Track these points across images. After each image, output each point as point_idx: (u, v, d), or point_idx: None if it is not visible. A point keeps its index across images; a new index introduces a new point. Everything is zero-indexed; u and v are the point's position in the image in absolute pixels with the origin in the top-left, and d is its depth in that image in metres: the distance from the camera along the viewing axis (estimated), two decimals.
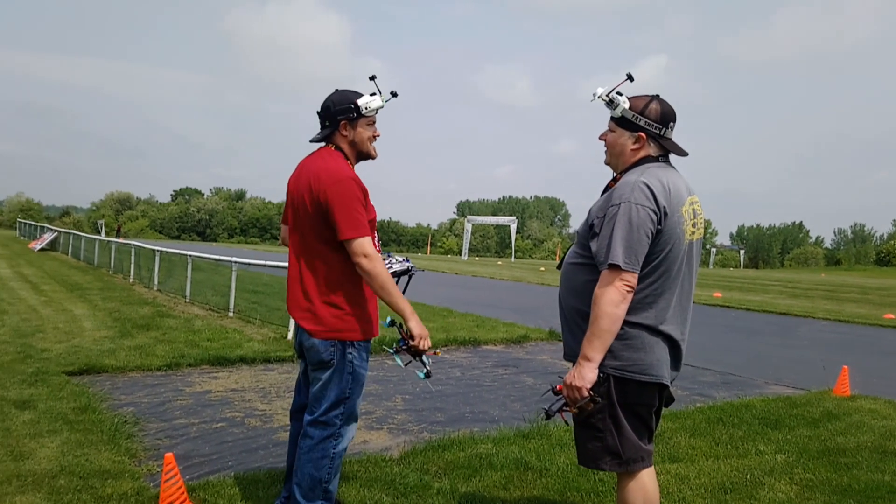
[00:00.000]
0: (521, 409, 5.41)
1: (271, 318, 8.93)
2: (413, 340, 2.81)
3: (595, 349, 2.35)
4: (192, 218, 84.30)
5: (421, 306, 11.87)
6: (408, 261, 3.26)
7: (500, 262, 44.04)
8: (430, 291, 16.21)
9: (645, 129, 2.47)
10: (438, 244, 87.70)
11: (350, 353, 2.83)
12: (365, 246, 2.72)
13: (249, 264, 10.16)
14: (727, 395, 6.02)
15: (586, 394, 2.37)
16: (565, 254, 2.70)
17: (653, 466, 2.56)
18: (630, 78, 2.51)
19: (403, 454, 4.05)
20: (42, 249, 23.06)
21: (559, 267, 2.71)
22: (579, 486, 3.56)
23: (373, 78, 2.92)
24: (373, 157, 3.00)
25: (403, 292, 2.91)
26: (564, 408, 2.49)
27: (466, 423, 4.89)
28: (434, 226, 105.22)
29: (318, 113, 2.93)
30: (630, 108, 2.48)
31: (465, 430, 4.60)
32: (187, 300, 11.10)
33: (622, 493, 2.52)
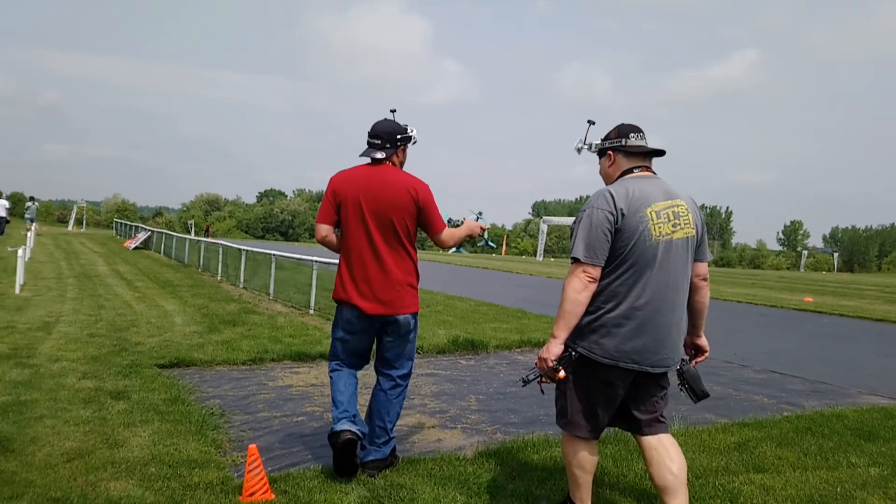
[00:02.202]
0: None
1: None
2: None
3: (560, 328, 2.83)
4: (276, 218, 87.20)
5: (495, 307, 11.85)
6: None
7: None
8: (505, 292, 16.15)
9: (609, 147, 3.06)
10: (513, 245, 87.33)
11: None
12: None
13: (329, 264, 10.40)
14: (817, 405, 5.72)
15: (552, 364, 2.85)
16: None
17: (595, 442, 3.05)
18: (591, 123, 3.23)
19: (477, 454, 4.05)
20: (136, 248, 24.31)
21: None
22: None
23: (393, 111, 3.68)
24: None
25: None
26: (539, 379, 2.98)
27: (541, 426, 4.85)
28: (509, 227, 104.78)
29: (378, 135, 3.57)
30: (602, 140, 3.12)
31: (540, 433, 4.56)
32: (271, 298, 11.48)
33: (563, 444, 3.12)
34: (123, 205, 76.49)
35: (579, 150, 3.28)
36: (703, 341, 3.18)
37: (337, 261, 3.80)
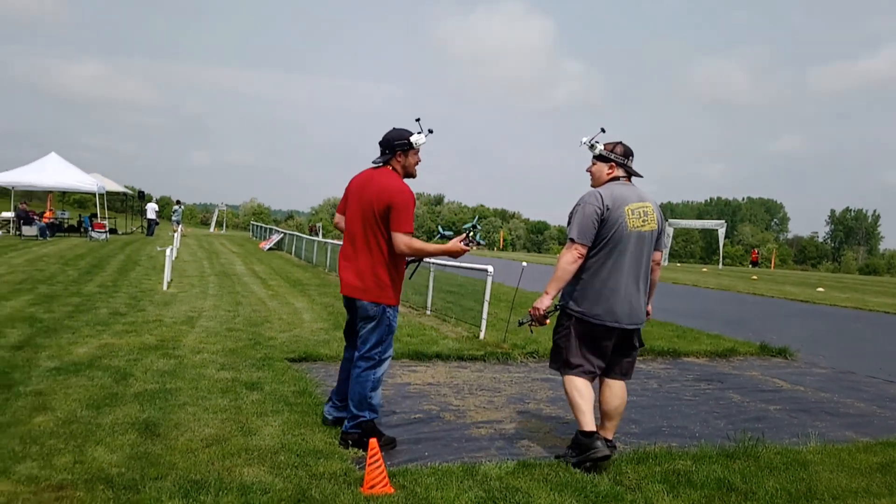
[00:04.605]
0: (724, 427, 5.04)
1: (465, 317, 9.20)
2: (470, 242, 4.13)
3: (552, 288, 3.90)
4: None
5: None
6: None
7: (705, 269, 41.38)
8: None
9: (615, 160, 4.00)
10: None
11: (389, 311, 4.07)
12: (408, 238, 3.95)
13: (445, 265, 10.56)
14: None
15: (542, 313, 3.93)
16: None
17: (592, 379, 3.97)
18: (603, 130, 4.04)
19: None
20: (270, 249, 25.79)
21: None
22: None
23: (418, 120, 4.10)
24: (413, 177, 4.15)
25: (411, 276, 4.63)
26: (531, 323, 4.00)
27: (663, 437, 4.67)
28: None
29: (380, 143, 4.06)
30: (604, 149, 4.01)
31: (662, 444, 4.39)
32: None
33: (564, 384, 4.00)
34: (259, 208, 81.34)
35: (582, 144, 4.08)
36: (649, 308, 4.16)
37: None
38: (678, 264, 52.77)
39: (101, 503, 3.06)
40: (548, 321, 3.97)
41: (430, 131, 4.07)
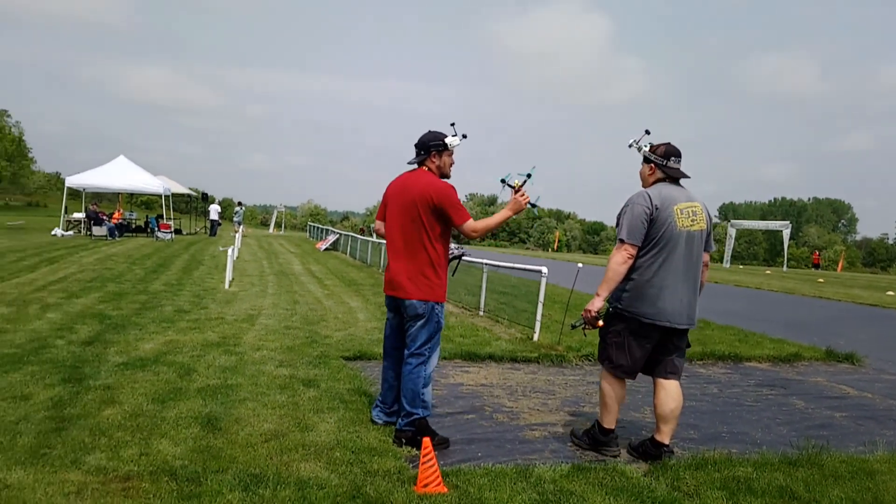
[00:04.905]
0: (787, 434, 4.88)
1: (519, 319, 9.16)
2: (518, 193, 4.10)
3: (604, 289, 3.91)
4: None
5: None
6: (460, 248, 4.66)
7: (768, 272, 40.06)
8: None
9: (654, 161, 4.02)
10: None
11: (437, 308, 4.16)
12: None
13: (499, 266, 10.53)
14: None
15: (594, 315, 3.97)
16: None
17: (625, 382, 4.09)
18: (647, 132, 4.08)
19: (652, 468, 3.89)
20: (326, 249, 26.24)
21: None
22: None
23: (452, 124, 4.23)
24: (448, 178, 4.26)
25: (453, 273, 4.66)
26: (584, 326, 4.05)
27: (723, 443, 4.54)
28: None
29: (415, 146, 4.22)
30: (649, 150, 4.03)
31: (722, 450, 4.27)
32: None
33: (601, 379, 4.15)
34: (316, 209, 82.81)
35: (630, 147, 4.12)
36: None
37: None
38: (740, 266, 51.25)
39: (165, 494, 3.17)
40: (601, 323, 4.01)
41: (464, 136, 4.22)
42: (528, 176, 4.11)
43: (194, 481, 3.31)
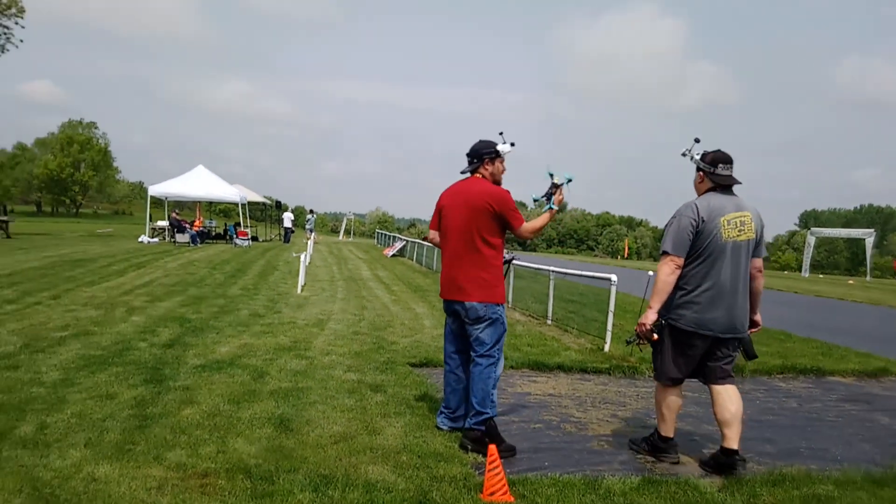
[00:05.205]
0: (871, 451, 4.62)
1: (588, 328, 9.02)
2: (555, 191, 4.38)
3: (655, 302, 3.97)
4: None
5: None
6: (511, 253, 4.86)
7: (851, 281, 38.09)
8: (765, 311, 14.70)
9: (703, 169, 4.07)
10: (773, 258, 79.33)
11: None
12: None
13: (567, 274, 10.40)
14: None
15: (649, 328, 3.98)
16: None
17: (679, 388, 4.13)
18: (697, 140, 4.16)
19: (727, 483, 3.76)
20: (393, 255, 26.57)
21: None
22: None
23: (501, 133, 4.40)
24: (499, 185, 4.38)
25: (505, 275, 4.67)
26: (639, 342, 4.08)
27: (802, 459, 4.35)
28: (769, 238, 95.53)
29: (468, 154, 4.37)
30: (700, 158, 4.08)
31: (801, 466, 4.09)
32: (509, 306, 11.80)
33: (655, 391, 4.24)
34: (383, 217, 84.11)
35: (683, 155, 4.20)
36: (758, 317, 4.20)
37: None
38: (820, 276, 48.87)
39: (239, 492, 3.28)
40: (656, 336, 4.01)
41: (513, 144, 4.39)
42: (569, 180, 4.39)
43: (267, 480, 3.42)
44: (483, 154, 4.35)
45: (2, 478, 3.28)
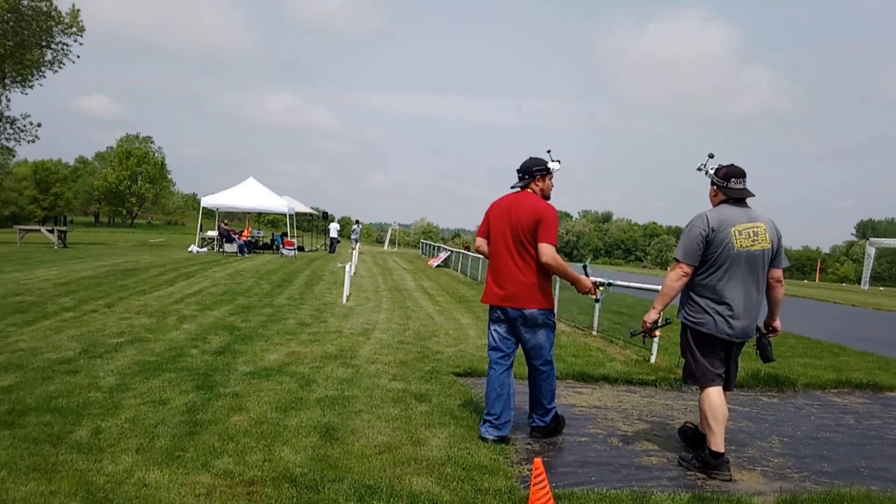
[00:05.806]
0: None
1: (635, 339, 8.86)
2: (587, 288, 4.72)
3: (659, 303, 4.31)
4: (561, 239, 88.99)
5: (805, 340, 10.55)
6: (606, 279, 5.33)
7: None
8: (818, 324, 14.27)
9: (716, 183, 4.30)
10: (830, 270, 76.76)
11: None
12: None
13: (612, 283, 10.24)
14: None
15: (650, 326, 4.37)
16: None
17: (720, 387, 4.22)
18: (711, 156, 4.35)
19: (781, 501, 3.64)
20: (438, 266, 26.65)
21: None
22: None
23: (549, 151, 4.62)
24: (548, 199, 4.61)
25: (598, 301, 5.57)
26: (643, 335, 4.45)
27: (861, 479, 4.17)
28: (826, 249, 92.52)
29: (519, 170, 4.58)
30: (713, 173, 4.30)
31: (860, 487, 3.93)
32: (555, 317, 11.68)
33: (700, 401, 4.26)
34: (428, 227, 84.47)
35: (699, 170, 4.39)
36: (777, 323, 4.51)
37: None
38: (881, 288, 47.04)
39: (285, 501, 3.32)
40: (657, 333, 4.49)
41: (559, 161, 4.60)
42: (609, 284, 5.11)
43: (313, 489, 3.45)
44: (534, 170, 4.55)
45: (58, 481, 3.40)
